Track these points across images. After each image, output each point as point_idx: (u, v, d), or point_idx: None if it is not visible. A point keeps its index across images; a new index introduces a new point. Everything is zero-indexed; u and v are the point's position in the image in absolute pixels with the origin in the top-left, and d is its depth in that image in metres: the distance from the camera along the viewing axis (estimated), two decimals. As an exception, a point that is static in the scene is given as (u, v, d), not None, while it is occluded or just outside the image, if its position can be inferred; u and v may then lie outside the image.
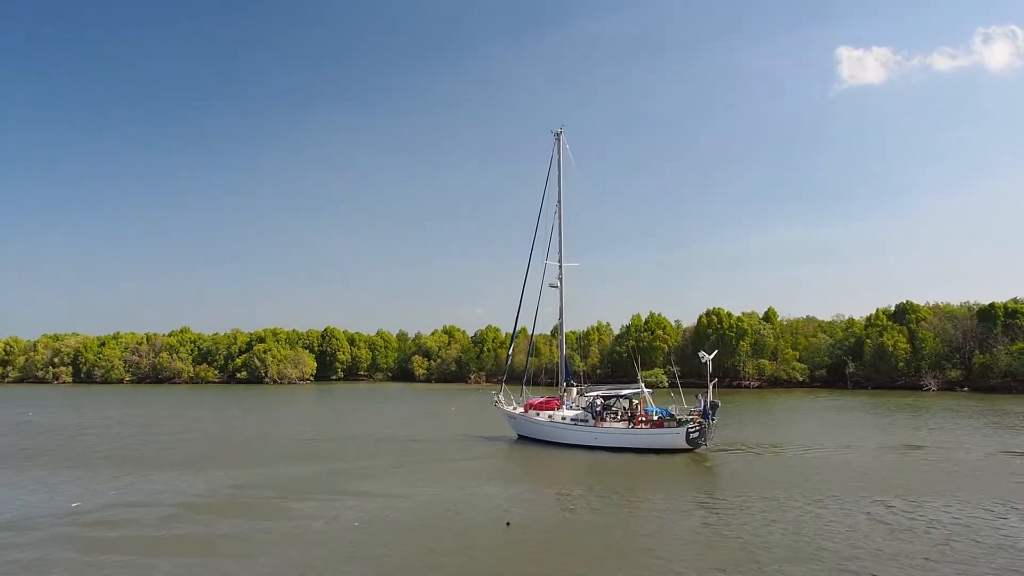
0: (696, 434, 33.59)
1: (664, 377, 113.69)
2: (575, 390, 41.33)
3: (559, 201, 42.48)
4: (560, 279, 41.98)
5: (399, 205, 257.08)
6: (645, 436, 34.48)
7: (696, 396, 35.53)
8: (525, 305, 43.18)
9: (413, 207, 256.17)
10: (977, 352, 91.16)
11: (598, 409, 36.77)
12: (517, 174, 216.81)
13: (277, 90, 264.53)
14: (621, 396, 37.70)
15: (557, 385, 43.34)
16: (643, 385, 37.43)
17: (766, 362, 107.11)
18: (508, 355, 53.14)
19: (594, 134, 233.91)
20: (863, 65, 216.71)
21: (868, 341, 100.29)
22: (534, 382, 56.11)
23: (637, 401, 36.83)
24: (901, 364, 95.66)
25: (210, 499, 23.68)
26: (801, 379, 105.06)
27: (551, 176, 42.78)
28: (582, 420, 37.23)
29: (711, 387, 34.87)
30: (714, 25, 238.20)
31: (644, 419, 35.35)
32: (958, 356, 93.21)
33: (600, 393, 38.35)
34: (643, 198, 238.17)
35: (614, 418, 36.74)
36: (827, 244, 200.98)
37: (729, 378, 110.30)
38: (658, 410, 35.69)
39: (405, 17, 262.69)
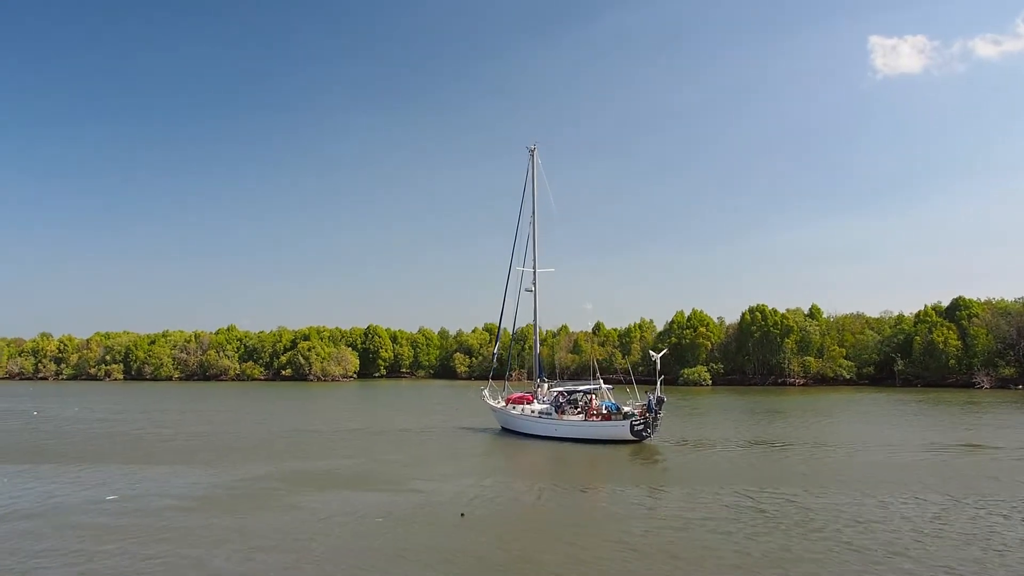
0: (640, 427, 39.29)
1: (707, 375, 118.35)
2: (546, 386, 47.95)
3: (533, 212, 49.17)
4: (535, 283, 48.70)
5: (436, 202, 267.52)
6: (595, 428, 40.44)
7: (646, 392, 41.51)
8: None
9: (449, 204, 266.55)
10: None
11: (559, 403, 43.15)
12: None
13: (310, 88, 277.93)
14: (579, 391, 43.89)
15: (538, 381, 49.98)
16: (602, 382, 43.57)
17: (811, 359, 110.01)
18: (495, 353, 60.98)
19: (619, 133, 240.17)
20: (898, 53, 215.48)
21: (918, 338, 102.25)
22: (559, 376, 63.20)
23: (592, 396, 42.95)
24: (952, 361, 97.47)
25: (221, 492, 27.14)
26: (848, 377, 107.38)
27: (528, 188, 49.69)
28: (546, 413, 43.65)
29: (659, 383, 40.68)
30: (737, 18, 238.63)
31: (595, 412, 41.54)
32: (1012, 353, 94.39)
33: (560, 389, 44.76)
34: (677, 196, 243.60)
35: (574, 412, 43.02)
36: (871, 240, 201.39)
37: (774, 376, 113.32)
38: (608, 404, 41.78)
39: (426, 14, 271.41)
